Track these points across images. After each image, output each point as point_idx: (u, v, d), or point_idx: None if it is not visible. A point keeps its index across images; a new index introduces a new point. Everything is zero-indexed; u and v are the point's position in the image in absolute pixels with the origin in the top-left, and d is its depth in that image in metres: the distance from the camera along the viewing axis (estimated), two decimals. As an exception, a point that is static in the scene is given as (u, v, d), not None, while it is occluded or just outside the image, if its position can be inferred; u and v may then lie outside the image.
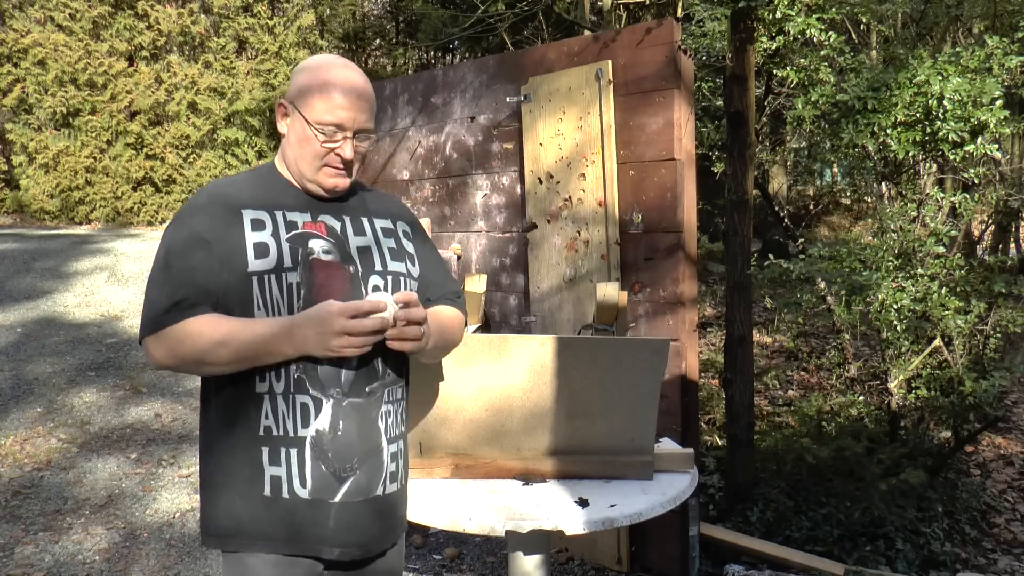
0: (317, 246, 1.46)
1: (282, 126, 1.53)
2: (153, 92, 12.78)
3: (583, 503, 1.83)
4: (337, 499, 1.44)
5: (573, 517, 1.75)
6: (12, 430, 4.59)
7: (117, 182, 12.65)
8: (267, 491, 1.43)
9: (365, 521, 1.48)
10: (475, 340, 1.94)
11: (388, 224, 1.60)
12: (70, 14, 12.57)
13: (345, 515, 1.45)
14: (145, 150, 12.82)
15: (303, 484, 1.43)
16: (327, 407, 1.43)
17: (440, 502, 1.85)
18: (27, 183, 12.61)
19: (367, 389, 1.47)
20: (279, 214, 1.47)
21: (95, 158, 12.66)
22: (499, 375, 1.94)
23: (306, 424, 1.43)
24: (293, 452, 1.42)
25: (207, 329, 1.38)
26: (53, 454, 4.33)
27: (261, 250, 1.42)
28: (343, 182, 1.51)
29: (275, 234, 1.44)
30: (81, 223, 12.66)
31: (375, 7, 17.68)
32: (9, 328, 6.22)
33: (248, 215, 1.45)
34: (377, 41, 17.57)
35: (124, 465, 4.25)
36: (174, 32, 13.04)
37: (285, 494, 1.43)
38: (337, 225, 1.51)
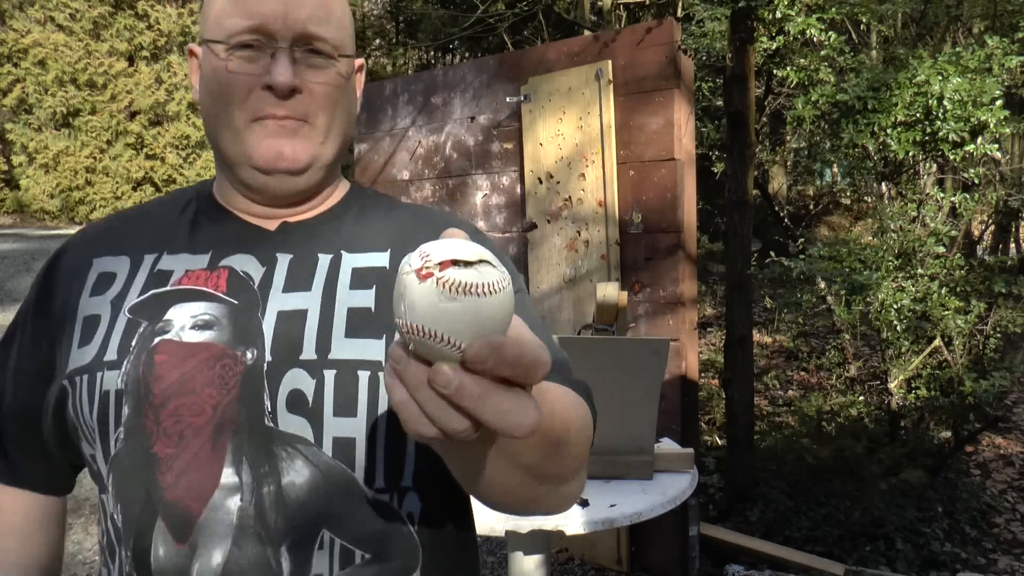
0: (181, 316, 0.78)
1: (197, 92, 0.86)
2: (153, 92, 12.79)
3: (583, 503, 1.83)
4: None
5: (573, 517, 1.75)
6: (12, 430, 4.59)
7: (117, 182, 12.66)
8: None
9: None
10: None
11: (379, 263, 0.83)
12: (70, 14, 12.58)
13: None
14: (145, 150, 12.83)
15: None
16: None
17: (440, 502, 1.85)
18: (27, 183, 12.61)
19: None
20: (148, 260, 0.83)
21: (95, 158, 12.67)
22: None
23: None
24: None
25: None
26: (53, 454, 4.34)
27: (87, 331, 0.80)
28: (289, 146, 0.80)
29: (119, 298, 0.81)
30: (82, 223, 12.67)
31: (375, 7, 17.68)
32: (9, 328, 6.22)
33: (97, 268, 0.84)
34: (377, 41, 17.58)
35: (124, 465, 4.26)
36: (174, 32, 13.05)
37: None
38: (256, 272, 0.81)
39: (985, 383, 3.50)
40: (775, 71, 4.07)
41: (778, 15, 3.40)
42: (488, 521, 1.74)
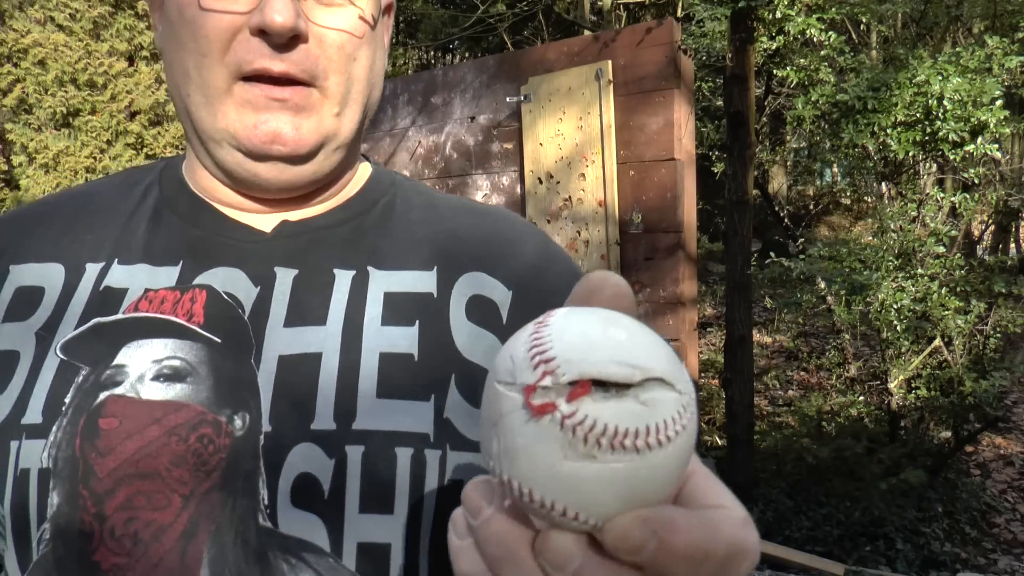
0: (138, 360, 0.54)
1: (163, 51, 0.60)
2: (153, 92, 12.79)
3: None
4: None
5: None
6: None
7: (117, 182, 12.67)
8: None
9: None
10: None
11: (428, 288, 0.59)
12: (70, 14, 12.59)
13: None
14: (145, 150, 12.83)
15: None
16: None
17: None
18: (27, 183, 12.62)
19: None
20: (91, 271, 0.59)
21: (95, 158, 12.67)
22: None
23: None
24: None
25: None
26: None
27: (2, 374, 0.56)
28: (289, 122, 0.55)
29: (48, 327, 0.56)
30: (81, 223, 12.69)
31: (375, 7, 17.66)
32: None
33: (14, 280, 0.59)
34: (377, 41, 17.54)
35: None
36: (174, 32, 13.07)
37: None
38: (247, 295, 0.57)
39: (985, 383, 3.50)
40: (775, 71, 4.07)
41: (778, 15, 3.40)
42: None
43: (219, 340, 0.54)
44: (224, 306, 0.55)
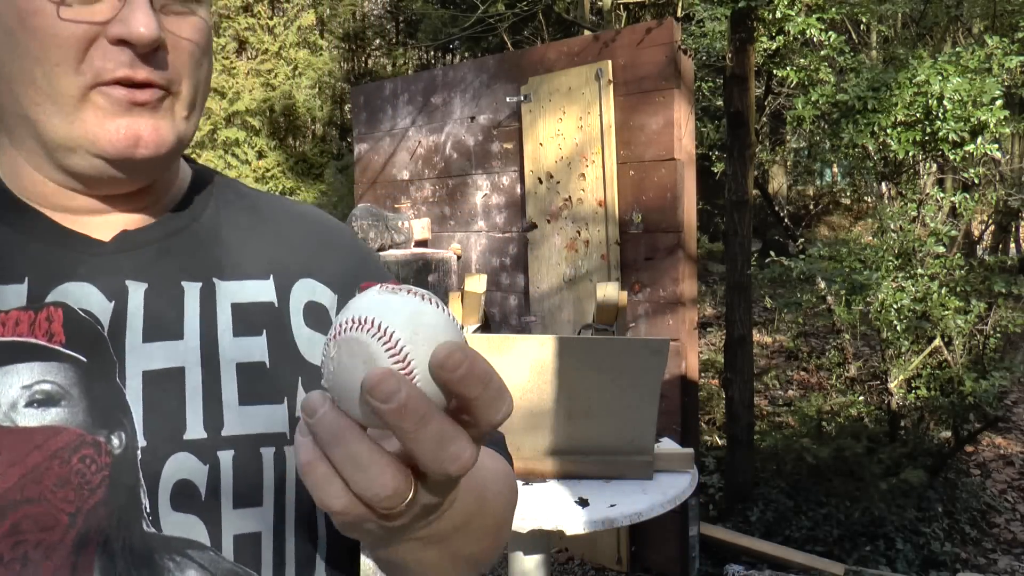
0: (7, 387, 0.53)
1: None
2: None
3: (583, 503, 1.83)
4: None
5: (573, 517, 1.75)
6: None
7: (117, 182, 12.67)
8: None
9: None
10: (475, 340, 1.94)
11: (262, 294, 0.64)
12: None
13: None
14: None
15: None
16: None
17: (440, 502, 1.85)
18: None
19: None
20: None
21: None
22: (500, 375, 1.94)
23: None
24: None
25: None
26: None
27: None
28: (149, 125, 0.56)
29: None
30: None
31: (375, 7, 17.68)
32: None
33: None
34: (377, 41, 17.58)
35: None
36: (174, 32, 13.05)
37: None
38: (102, 310, 0.57)
39: (985, 383, 3.50)
40: (775, 71, 4.07)
41: (778, 15, 3.40)
42: (488, 521, 1.74)
43: (84, 359, 0.55)
44: (83, 323, 0.56)
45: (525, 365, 1.93)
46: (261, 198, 0.70)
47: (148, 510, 0.54)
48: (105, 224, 0.60)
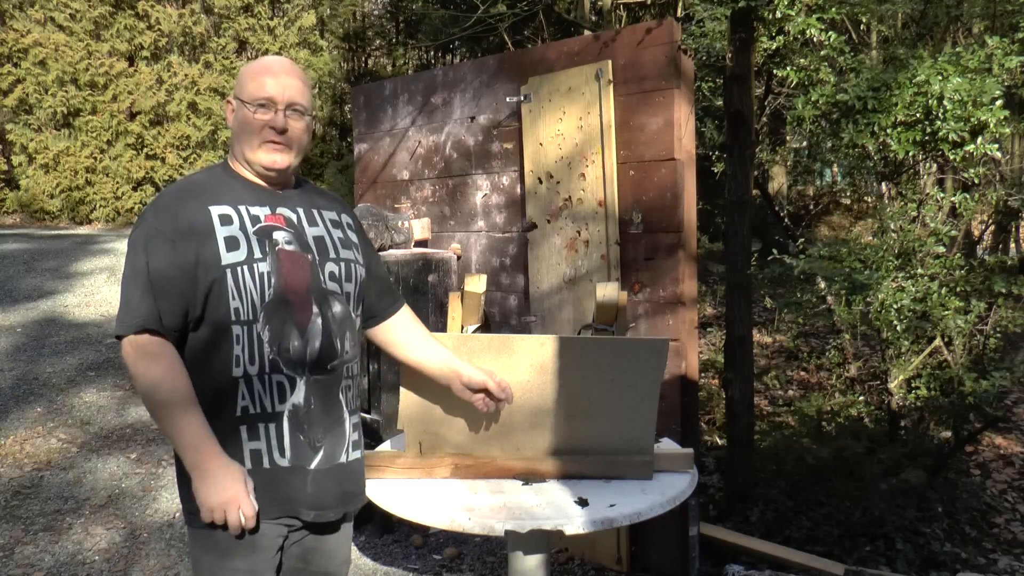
0: (280, 237, 1.60)
1: (230, 121, 1.66)
2: (154, 92, 12.78)
3: (583, 503, 1.83)
4: (313, 466, 1.61)
5: (573, 517, 1.75)
6: (12, 430, 4.59)
7: (117, 182, 12.65)
8: (248, 464, 1.56)
9: (334, 486, 1.65)
10: (475, 340, 1.94)
11: (335, 216, 1.75)
12: (71, 14, 12.57)
13: (319, 480, 1.62)
14: (146, 150, 12.82)
15: (282, 454, 1.58)
16: (301, 384, 1.59)
17: (440, 502, 1.85)
18: (27, 183, 12.61)
19: (329, 367, 1.62)
20: (243, 209, 1.60)
21: (95, 158, 12.66)
22: (499, 375, 1.94)
23: (283, 400, 1.57)
24: (272, 427, 1.57)
25: (166, 381, 1.50)
26: (53, 454, 4.33)
27: (232, 243, 1.55)
28: (283, 158, 1.62)
29: (242, 228, 1.57)
30: (82, 223, 12.67)
31: (375, 7, 17.68)
32: (9, 328, 6.22)
33: (215, 211, 1.57)
34: (377, 41, 17.58)
35: (124, 465, 4.25)
36: (175, 32, 13.05)
37: (266, 464, 1.57)
38: (293, 217, 1.65)
39: (985, 383, 3.50)
40: (775, 71, 4.07)
41: (778, 15, 3.40)
42: (488, 521, 1.74)
43: (292, 231, 1.65)
44: (290, 219, 1.66)
45: (525, 365, 1.93)
46: (319, 188, 1.86)
47: (324, 281, 1.64)
48: (275, 190, 1.69)
